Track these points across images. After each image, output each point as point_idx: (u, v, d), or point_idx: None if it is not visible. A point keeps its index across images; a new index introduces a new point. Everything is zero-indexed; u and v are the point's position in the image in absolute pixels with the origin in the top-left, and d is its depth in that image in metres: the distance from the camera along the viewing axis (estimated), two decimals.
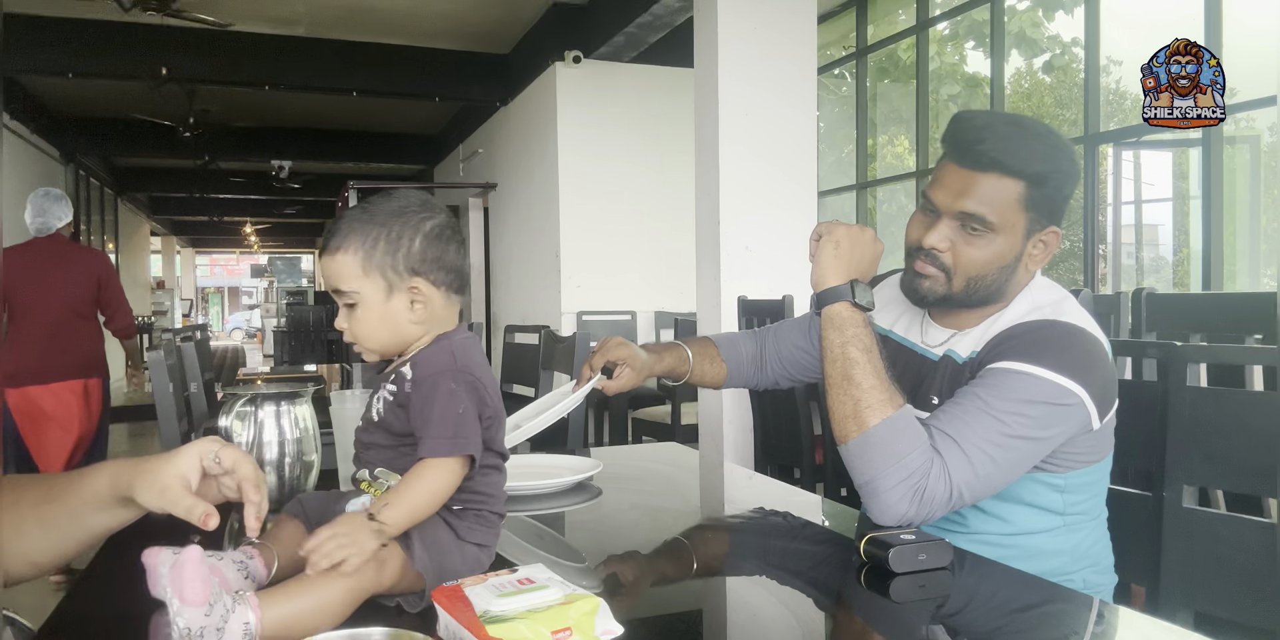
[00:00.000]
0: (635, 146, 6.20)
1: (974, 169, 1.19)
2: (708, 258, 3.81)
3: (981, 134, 1.19)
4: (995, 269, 1.21)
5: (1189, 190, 4.99)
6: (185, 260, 23.16)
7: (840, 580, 1.05)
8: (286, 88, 7.06)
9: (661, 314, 6.10)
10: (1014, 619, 0.94)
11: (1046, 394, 1.12)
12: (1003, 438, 1.11)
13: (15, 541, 0.82)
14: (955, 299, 1.24)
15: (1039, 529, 1.21)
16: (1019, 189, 1.18)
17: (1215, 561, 1.24)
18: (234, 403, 1.25)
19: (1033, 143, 1.19)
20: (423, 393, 0.90)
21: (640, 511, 1.39)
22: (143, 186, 13.03)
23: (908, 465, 1.10)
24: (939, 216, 1.22)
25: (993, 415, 1.12)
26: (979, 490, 1.13)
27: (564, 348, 2.82)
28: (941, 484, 1.10)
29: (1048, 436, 1.14)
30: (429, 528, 0.89)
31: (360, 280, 0.93)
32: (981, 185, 1.18)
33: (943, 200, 1.22)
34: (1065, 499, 1.21)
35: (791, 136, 3.87)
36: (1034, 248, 1.23)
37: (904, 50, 6.17)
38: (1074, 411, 1.14)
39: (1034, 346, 1.16)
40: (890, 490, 1.10)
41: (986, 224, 1.19)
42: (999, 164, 1.18)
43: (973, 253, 1.21)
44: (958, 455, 1.11)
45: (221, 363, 13.51)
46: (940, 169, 1.24)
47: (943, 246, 1.22)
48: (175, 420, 2.16)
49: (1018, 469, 1.15)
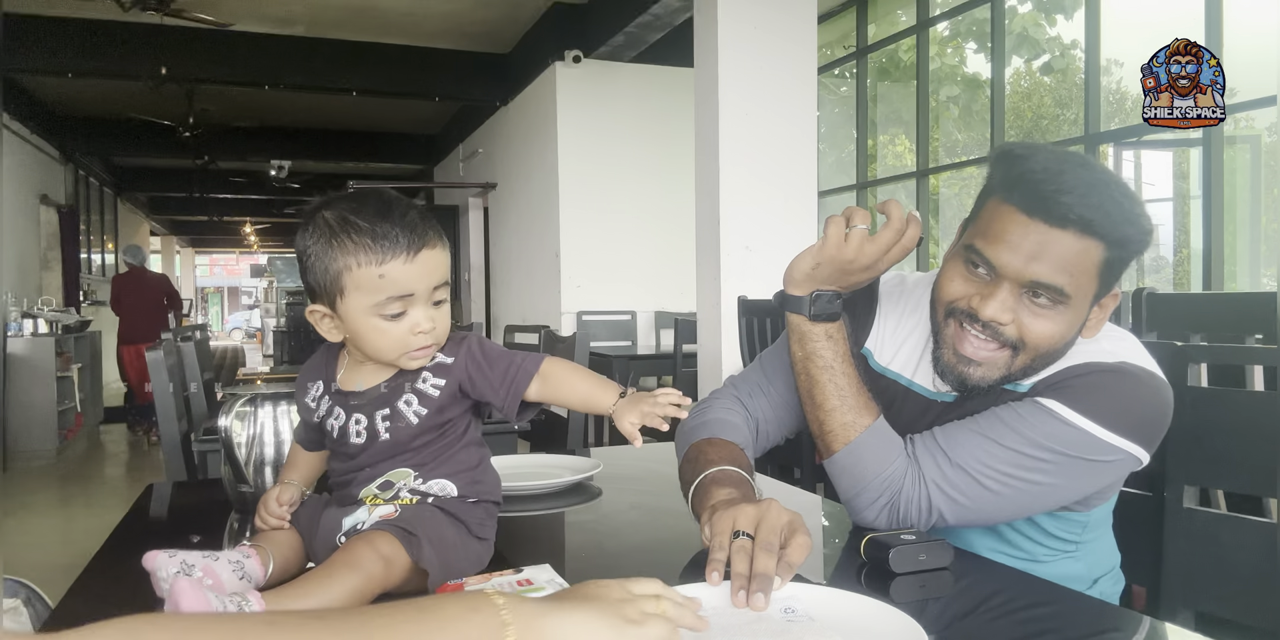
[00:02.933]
0: (635, 146, 6.20)
1: (1052, 225, 0.96)
2: (708, 258, 3.81)
3: (1065, 186, 0.96)
4: (1063, 345, 1.03)
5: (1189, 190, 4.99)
6: (185, 260, 23.16)
7: (840, 580, 1.05)
8: (286, 88, 7.07)
9: (661, 314, 6.10)
10: (1014, 619, 0.94)
11: (1084, 448, 0.99)
12: (1007, 476, 1.00)
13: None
14: (1012, 378, 1.04)
15: (1049, 559, 1.14)
16: (1101, 254, 0.98)
17: (1216, 561, 1.24)
18: (234, 403, 1.25)
19: (1121, 201, 0.97)
20: (475, 353, 0.95)
21: (640, 511, 1.39)
22: (142, 186, 13.03)
23: (877, 487, 1.05)
24: (998, 280, 1.00)
25: (1004, 446, 1.00)
26: (964, 519, 1.04)
27: (564, 348, 2.82)
28: (917, 504, 1.03)
29: (1065, 486, 1.03)
30: (435, 525, 0.89)
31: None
32: (1060, 248, 0.96)
33: (1010, 263, 0.98)
34: (1083, 532, 1.14)
35: (791, 136, 3.87)
36: (1093, 314, 1.05)
37: (904, 50, 6.17)
38: (1118, 466, 1.02)
39: (1091, 393, 1.00)
40: (866, 509, 1.07)
41: (1063, 295, 0.98)
42: (1086, 224, 0.95)
43: (1042, 327, 1.00)
44: (944, 477, 1.02)
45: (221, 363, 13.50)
46: (998, 217, 1.00)
47: (1005, 319, 1.00)
48: (175, 420, 2.16)
49: (1021, 508, 1.05)
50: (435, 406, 0.93)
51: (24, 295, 7.17)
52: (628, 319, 6.12)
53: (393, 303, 0.88)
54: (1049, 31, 5.69)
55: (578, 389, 0.94)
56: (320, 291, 0.90)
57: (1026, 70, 6.32)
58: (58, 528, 4.29)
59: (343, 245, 0.87)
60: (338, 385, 0.96)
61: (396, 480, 0.93)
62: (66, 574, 0.98)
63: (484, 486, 0.96)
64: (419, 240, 0.88)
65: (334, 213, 0.89)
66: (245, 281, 29.08)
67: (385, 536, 0.84)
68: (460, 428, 0.96)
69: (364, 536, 0.85)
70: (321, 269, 0.89)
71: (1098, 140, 4.63)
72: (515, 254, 7.34)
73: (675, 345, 4.45)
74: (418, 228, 0.89)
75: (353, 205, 0.89)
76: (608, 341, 5.73)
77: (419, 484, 0.93)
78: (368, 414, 0.94)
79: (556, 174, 6.18)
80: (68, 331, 7.07)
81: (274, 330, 14.84)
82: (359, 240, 0.87)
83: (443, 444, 0.94)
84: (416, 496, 0.93)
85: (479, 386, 0.94)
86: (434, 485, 0.93)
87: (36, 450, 6.14)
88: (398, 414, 0.93)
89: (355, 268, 0.87)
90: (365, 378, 0.95)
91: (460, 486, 0.94)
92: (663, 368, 4.91)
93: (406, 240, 0.87)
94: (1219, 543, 1.24)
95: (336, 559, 0.83)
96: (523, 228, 7.09)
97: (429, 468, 0.93)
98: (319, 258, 0.89)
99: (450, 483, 0.94)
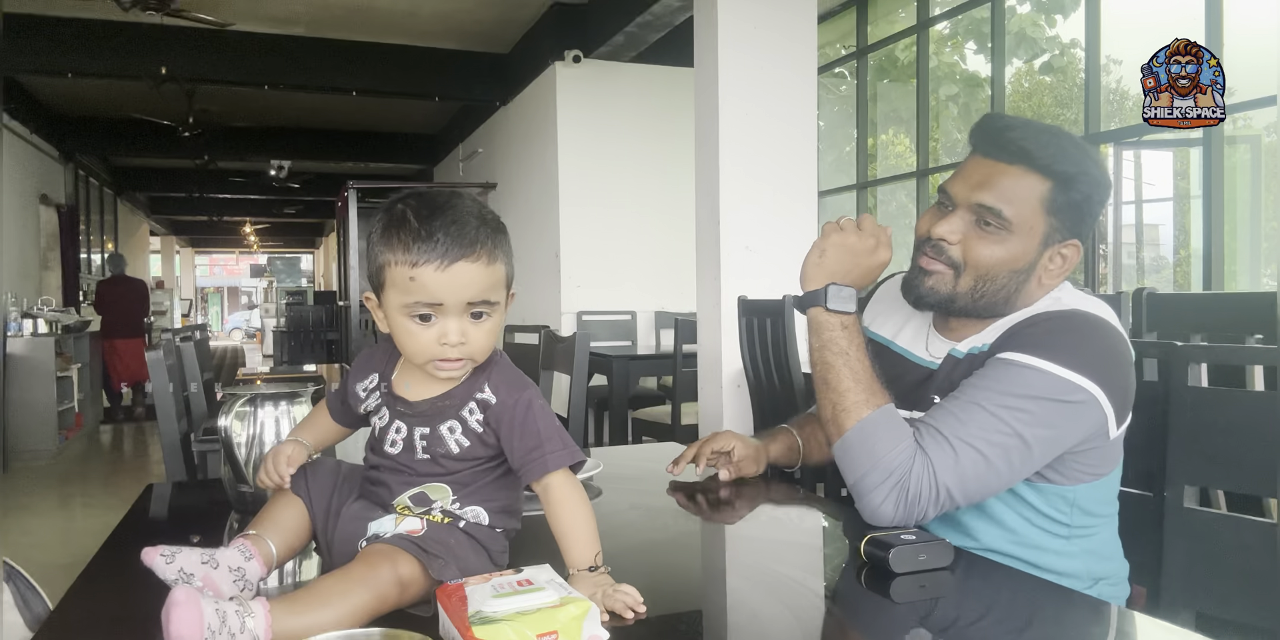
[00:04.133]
0: (635, 146, 6.20)
1: (999, 159, 1.11)
2: (708, 258, 3.81)
3: (1013, 125, 1.12)
4: (1006, 271, 1.12)
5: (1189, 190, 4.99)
6: (185, 260, 23.15)
7: (840, 580, 1.05)
8: (286, 88, 7.06)
9: (661, 314, 6.10)
10: (1014, 619, 0.94)
11: (1051, 389, 1.04)
12: (998, 435, 1.04)
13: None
14: (959, 301, 1.15)
15: (1045, 543, 1.15)
16: (1044, 188, 1.10)
17: (1216, 561, 1.24)
18: (234, 403, 1.24)
19: (1065, 144, 1.11)
20: (519, 411, 0.91)
21: (640, 511, 1.39)
22: (142, 186, 13.03)
23: (887, 466, 1.06)
24: (954, 209, 1.15)
25: (987, 410, 1.05)
26: (970, 491, 1.06)
27: (564, 348, 2.82)
28: (926, 483, 1.05)
29: (1051, 436, 1.06)
30: (460, 549, 0.88)
31: (502, 291, 0.93)
32: (1005, 178, 1.11)
33: (960, 191, 1.14)
34: (1073, 512, 1.15)
35: (791, 136, 3.87)
36: (1051, 260, 1.14)
37: (903, 50, 6.17)
38: (1085, 410, 1.06)
39: (1046, 337, 1.07)
40: (873, 491, 1.06)
41: (1003, 220, 1.10)
42: (1027, 155, 1.10)
43: (983, 249, 1.12)
44: (945, 452, 1.05)
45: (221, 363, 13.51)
46: (964, 163, 1.17)
47: (953, 238, 1.14)
48: (175, 420, 2.16)
49: (1016, 470, 1.07)
50: (478, 440, 0.92)
51: (24, 295, 7.17)
52: (628, 319, 6.12)
53: (421, 307, 0.87)
54: (1048, 31, 5.69)
55: (563, 522, 0.89)
56: (371, 280, 0.92)
57: (1027, 70, 6.32)
58: (57, 528, 4.28)
59: (389, 240, 0.87)
60: (390, 384, 0.96)
61: (433, 496, 0.92)
62: (66, 574, 0.98)
63: (513, 518, 0.95)
64: (459, 251, 0.86)
65: (401, 206, 0.89)
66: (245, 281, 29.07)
67: (407, 558, 0.83)
68: (504, 461, 0.94)
69: (387, 554, 0.83)
70: (372, 258, 0.90)
71: (1098, 140, 4.63)
72: (515, 254, 7.32)
73: (675, 345, 4.44)
74: (466, 238, 0.87)
75: (418, 203, 0.89)
76: (608, 341, 5.73)
77: (454, 507, 0.92)
78: (409, 426, 0.93)
79: (556, 174, 6.18)
80: (68, 331, 7.07)
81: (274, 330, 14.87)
82: (404, 239, 0.86)
83: (482, 470, 0.93)
84: (449, 517, 0.91)
85: (503, 442, 0.92)
86: (469, 511, 0.92)
87: (36, 450, 6.14)
88: (437, 438, 0.92)
89: (393, 265, 0.87)
90: (415, 384, 0.94)
91: (492, 516, 0.93)
92: (663, 368, 4.91)
93: (444, 249, 0.86)
94: (1219, 543, 1.24)
95: (354, 573, 0.81)
96: (523, 228, 7.09)
97: (468, 491, 0.92)
98: (373, 247, 0.89)
99: (484, 511, 0.92)
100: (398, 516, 0.91)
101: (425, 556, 0.83)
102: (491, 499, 0.93)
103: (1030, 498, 1.14)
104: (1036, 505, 1.15)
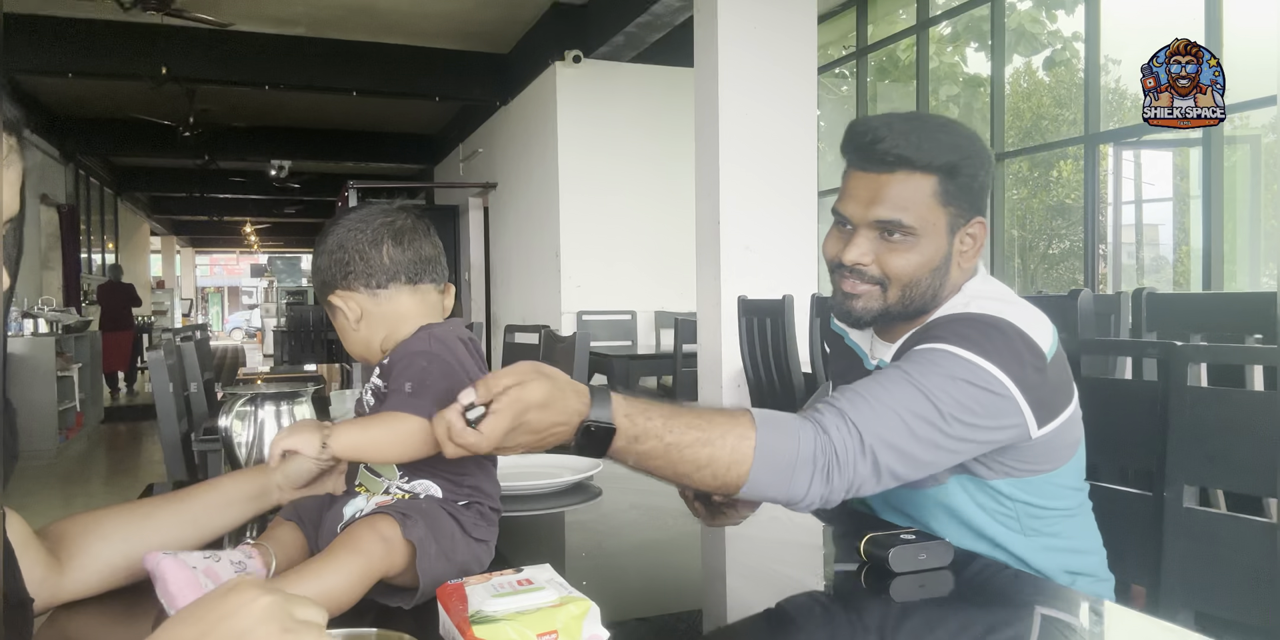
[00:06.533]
0: (635, 146, 6.20)
1: (880, 172, 1.11)
2: (708, 257, 3.81)
3: (879, 133, 1.11)
4: (928, 272, 1.13)
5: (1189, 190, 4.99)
6: (185, 260, 23.16)
7: (840, 580, 1.05)
8: (286, 88, 7.07)
9: (661, 314, 6.10)
10: (1014, 619, 0.94)
11: (974, 375, 1.02)
12: (925, 405, 0.99)
13: (146, 534, 0.94)
14: (893, 311, 1.15)
15: (1002, 538, 1.14)
16: (932, 184, 1.11)
17: (1215, 561, 1.24)
18: (234, 403, 1.25)
19: (936, 134, 1.11)
20: (397, 364, 0.93)
21: (640, 511, 1.39)
22: (143, 186, 13.04)
23: (807, 460, 0.96)
24: (855, 230, 1.14)
25: (913, 384, 1.01)
26: (892, 457, 0.98)
27: (564, 348, 2.82)
28: (848, 438, 0.97)
29: (976, 422, 1.02)
30: (432, 513, 0.89)
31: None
32: (892, 187, 1.11)
33: (854, 212, 1.13)
34: (1016, 506, 1.13)
35: (791, 136, 3.88)
36: (962, 243, 1.15)
37: (903, 50, 6.18)
38: (1006, 404, 1.03)
39: (954, 333, 1.06)
40: (808, 492, 0.97)
41: (906, 229, 1.11)
42: (905, 160, 1.10)
43: (899, 260, 1.12)
44: (862, 408, 0.99)
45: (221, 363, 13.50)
46: (845, 180, 1.16)
47: (866, 260, 1.13)
48: (175, 420, 2.16)
49: (941, 448, 1.01)
50: (378, 398, 0.95)
51: (24, 295, 7.17)
52: (628, 319, 6.12)
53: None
54: (1049, 26, 5.69)
55: (359, 422, 0.93)
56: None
57: (1026, 70, 6.32)
58: None
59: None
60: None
61: (383, 473, 0.94)
62: None
63: (470, 490, 0.94)
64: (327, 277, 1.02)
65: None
66: (245, 281, 29.09)
67: (385, 518, 0.86)
68: None
69: (364, 519, 0.87)
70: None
71: (1097, 140, 4.63)
72: (515, 254, 7.33)
73: (675, 345, 4.45)
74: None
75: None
76: (608, 341, 5.73)
77: (404, 482, 0.93)
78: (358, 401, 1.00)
79: (556, 174, 6.18)
80: (68, 331, 7.07)
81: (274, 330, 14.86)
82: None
83: None
84: (407, 494, 0.93)
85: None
86: (418, 485, 0.93)
87: (36, 450, 6.14)
88: (360, 406, 0.99)
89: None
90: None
91: (445, 489, 0.93)
92: (663, 368, 4.91)
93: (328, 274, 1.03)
94: (1219, 543, 1.24)
95: (338, 542, 0.84)
96: (523, 227, 7.09)
97: (413, 467, 0.93)
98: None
99: (433, 484, 0.93)
100: (368, 495, 0.94)
101: (399, 516, 0.86)
102: (437, 472, 0.93)
103: (972, 490, 1.14)
104: (979, 499, 1.15)
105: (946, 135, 1.12)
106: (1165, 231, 5.83)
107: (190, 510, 0.98)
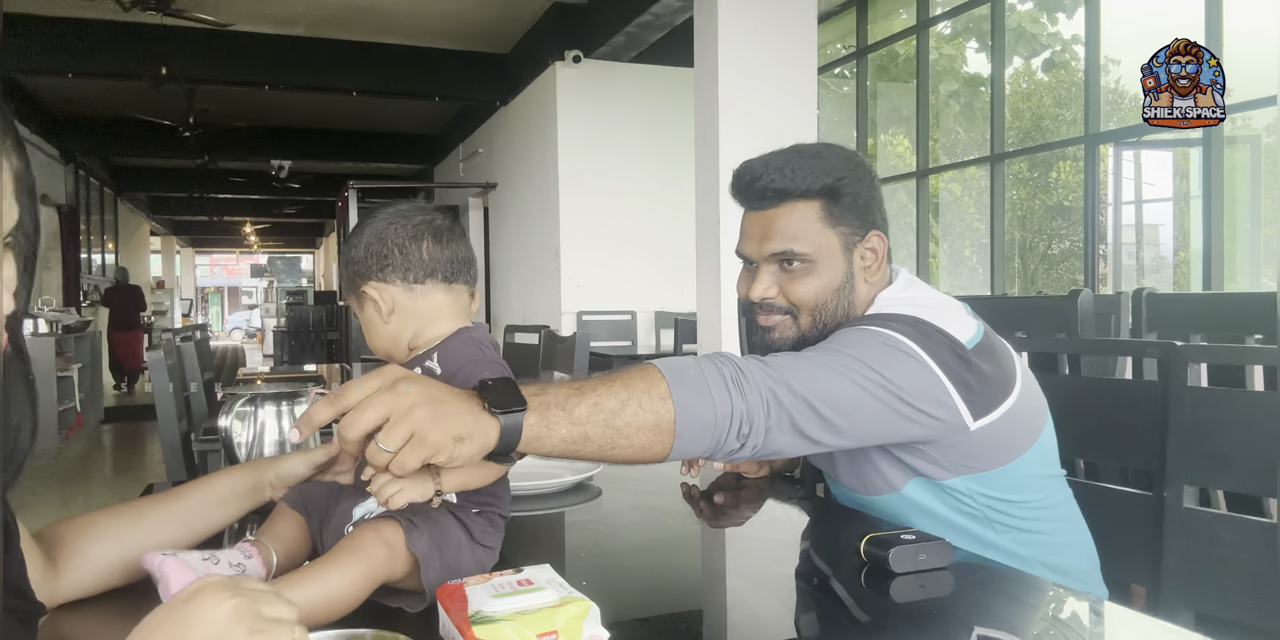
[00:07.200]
0: (635, 146, 6.20)
1: (765, 208, 1.17)
2: (708, 258, 3.81)
3: (756, 172, 1.17)
4: (832, 294, 1.17)
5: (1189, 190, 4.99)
6: (185, 260, 23.16)
7: (840, 580, 1.05)
8: (286, 88, 7.07)
9: (661, 314, 6.10)
10: (1014, 619, 0.94)
11: (895, 342, 1.04)
12: (847, 361, 1.00)
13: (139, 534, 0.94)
14: (809, 338, 1.17)
15: (976, 531, 1.14)
16: (815, 209, 1.16)
17: (1215, 561, 1.24)
18: (234, 403, 1.25)
19: (810, 161, 1.16)
20: (457, 377, 0.91)
21: (640, 511, 1.39)
22: (143, 186, 13.04)
23: (725, 421, 0.92)
24: (757, 266, 1.19)
25: (832, 349, 1.04)
26: (809, 404, 0.96)
27: (564, 348, 2.82)
28: (761, 374, 0.95)
29: (900, 385, 1.01)
30: (439, 523, 0.88)
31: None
32: (778, 221, 1.16)
33: (752, 250, 1.19)
34: (976, 500, 1.13)
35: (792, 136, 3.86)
36: (863, 259, 1.19)
37: (904, 48, 6.18)
38: (930, 379, 1.03)
39: (864, 322, 1.10)
40: (728, 432, 0.93)
41: (801, 256, 1.15)
42: (784, 193, 1.16)
43: (801, 288, 1.16)
44: (785, 357, 1.01)
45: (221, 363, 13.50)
46: (743, 223, 1.22)
47: (771, 293, 1.18)
48: (175, 420, 2.16)
49: (867, 403, 1.00)
50: None
51: None
52: (628, 319, 6.12)
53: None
54: (1049, 28, 5.70)
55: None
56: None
57: (1026, 70, 6.32)
58: None
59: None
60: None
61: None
62: None
63: (485, 497, 0.94)
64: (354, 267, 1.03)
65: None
66: (245, 281, 29.09)
67: (391, 524, 0.85)
68: None
69: (370, 523, 0.86)
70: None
71: (1097, 140, 4.63)
72: (515, 254, 7.33)
73: (675, 345, 4.45)
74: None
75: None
76: (608, 341, 5.73)
77: None
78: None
79: (556, 174, 6.18)
80: (68, 331, 7.07)
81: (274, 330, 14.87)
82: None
83: None
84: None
85: None
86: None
87: (37, 450, 6.13)
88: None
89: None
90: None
91: (459, 495, 0.92)
92: None
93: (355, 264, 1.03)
94: (1219, 543, 1.24)
95: (341, 545, 0.84)
96: (523, 228, 7.09)
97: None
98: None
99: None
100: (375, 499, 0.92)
101: (404, 523, 0.85)
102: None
103: (934, 490, 1.14)
104: (941, 498, 1.14)
105: (820, 160, 1.17)
106: (1165, 232, 5.83)
107: (183, 509, 0.98)
